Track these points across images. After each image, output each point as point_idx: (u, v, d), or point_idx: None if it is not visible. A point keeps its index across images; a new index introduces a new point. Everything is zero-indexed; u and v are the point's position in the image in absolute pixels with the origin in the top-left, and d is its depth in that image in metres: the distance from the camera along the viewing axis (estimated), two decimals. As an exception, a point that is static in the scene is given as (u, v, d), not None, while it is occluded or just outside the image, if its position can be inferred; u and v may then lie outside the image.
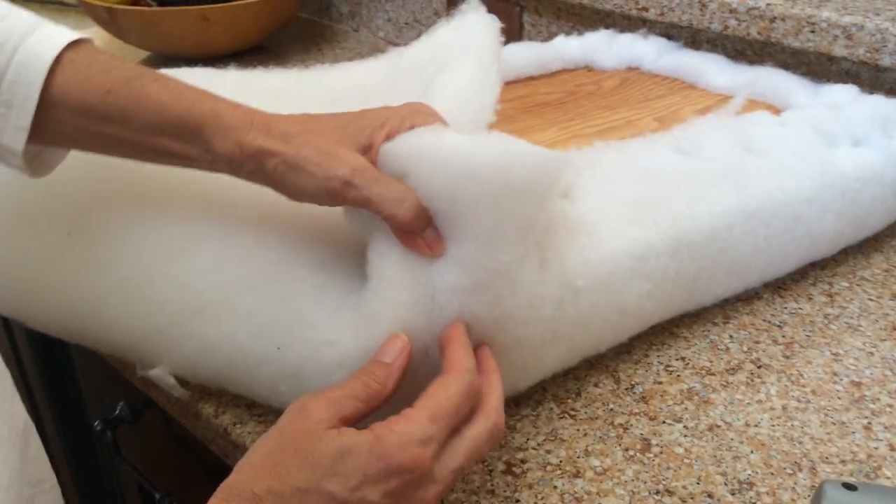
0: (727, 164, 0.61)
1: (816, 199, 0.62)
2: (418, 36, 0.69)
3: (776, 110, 0.75)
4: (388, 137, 0.46)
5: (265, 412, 0.53)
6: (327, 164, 0.45)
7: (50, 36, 0.47)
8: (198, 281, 0.51)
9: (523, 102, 0.83)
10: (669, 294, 0.56)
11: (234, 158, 0.47)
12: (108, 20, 1.06)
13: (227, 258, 0.51)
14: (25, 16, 0.48)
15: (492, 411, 0.42)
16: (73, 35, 0.48)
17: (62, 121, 0.48)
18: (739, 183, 0.60)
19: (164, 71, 0.53)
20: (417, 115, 0.47)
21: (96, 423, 0.77)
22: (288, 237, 0.52)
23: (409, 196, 0.44)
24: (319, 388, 0.42)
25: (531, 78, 0.90)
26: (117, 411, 0.76)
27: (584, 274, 0.50)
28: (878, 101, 0.71)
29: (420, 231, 0.45)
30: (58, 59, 0.47)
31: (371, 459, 0.38)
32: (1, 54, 0.46)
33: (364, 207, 0.45)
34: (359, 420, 0.41)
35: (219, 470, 0.59)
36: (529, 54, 0.90)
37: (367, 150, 0.46)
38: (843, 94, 0.74)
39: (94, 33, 1.25)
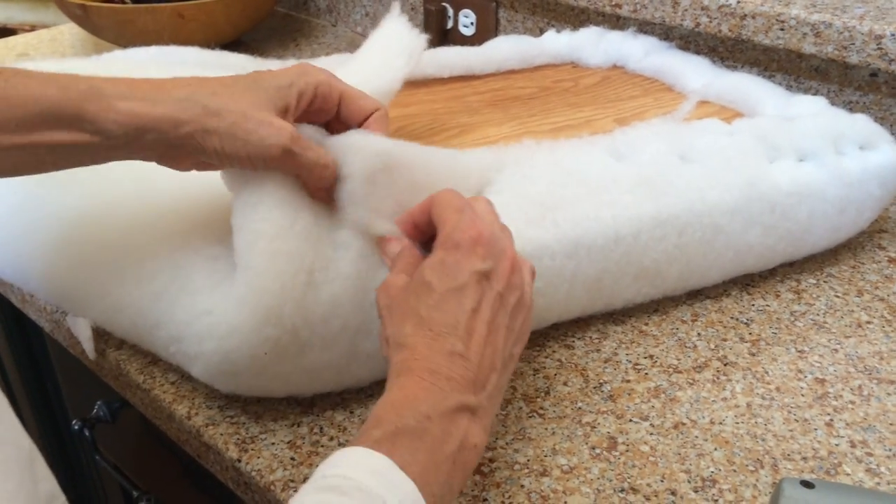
0: (652, 170, 0.61)
1: (740, 212, 0.61)
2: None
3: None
4: (300, 98, 0.49)
5: (237, 413, 0.54)
6: (265, 132, 0.46)
7: None
8: (112, 244, 0.55)
9: (494, 95, 0.83)
10: (566, 294, 0.57)
11: (129, 130, 0.45)
12: (82, 16, 1.05)
13: (139, 224, 0.55)
14: None
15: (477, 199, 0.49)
16: None
17: None
18: (658, 190, 0.60)
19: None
20: (317, 73, 0.50)
21: (74, 422, 0.78)
22: (197, 209, 0.56)
23: (331, 164, 0.49)
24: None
25: (512, 71, 0.90)
26: (94, 410, 0.76)
27: None
28: (838, 117, 0.70)
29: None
30: None
31: (449, 254, 0.44)
32: None
33: (295, 174, 0.49)
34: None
35: (197, 468, 0.60)
36: (512, 48, 0.90)
37: (284, 113, 0.48)
38: (811, 106, 0.73)
39: (69, 29, 1.24)
